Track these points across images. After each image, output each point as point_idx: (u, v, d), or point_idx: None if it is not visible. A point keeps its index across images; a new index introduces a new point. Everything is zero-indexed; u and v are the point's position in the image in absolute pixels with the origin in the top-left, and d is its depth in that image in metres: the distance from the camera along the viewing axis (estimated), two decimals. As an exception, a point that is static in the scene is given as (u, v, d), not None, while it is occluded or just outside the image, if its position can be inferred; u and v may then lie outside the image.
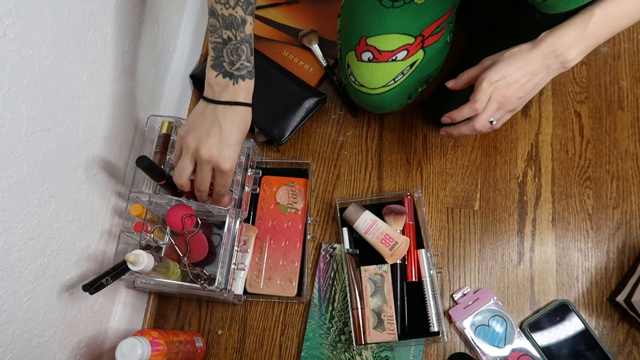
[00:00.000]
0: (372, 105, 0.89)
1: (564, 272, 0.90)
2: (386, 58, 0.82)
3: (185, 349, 0.78)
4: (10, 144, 0.54)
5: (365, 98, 0.87)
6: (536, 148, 0.97)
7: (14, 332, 0.59)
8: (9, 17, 0.51)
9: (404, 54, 0.82)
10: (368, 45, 0.82)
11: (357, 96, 0.89)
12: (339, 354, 0.86)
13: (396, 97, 0.87)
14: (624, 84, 1.00)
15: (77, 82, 0.65)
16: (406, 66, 0.83)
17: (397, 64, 0.82)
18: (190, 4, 1.01)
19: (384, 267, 0.87)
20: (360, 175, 0.97)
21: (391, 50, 0.81)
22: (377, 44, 0.81)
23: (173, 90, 0.95)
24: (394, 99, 0.87)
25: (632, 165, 0.94)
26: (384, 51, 0.81)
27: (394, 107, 0.90)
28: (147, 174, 0.73)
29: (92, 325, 0.77)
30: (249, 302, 0.91)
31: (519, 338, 0.84)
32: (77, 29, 0.64)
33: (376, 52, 0.82)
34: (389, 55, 0.82)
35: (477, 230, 0.93)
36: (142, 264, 0.67)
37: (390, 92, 0.85)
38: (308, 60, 1.03)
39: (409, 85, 0.87)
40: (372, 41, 0.82)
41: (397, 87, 0.85)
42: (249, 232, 0.91)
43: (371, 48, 0.82)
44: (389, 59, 0.82)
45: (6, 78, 0.52)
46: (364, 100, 0.88)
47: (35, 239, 0.60)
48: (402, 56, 0.82)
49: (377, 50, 0.82)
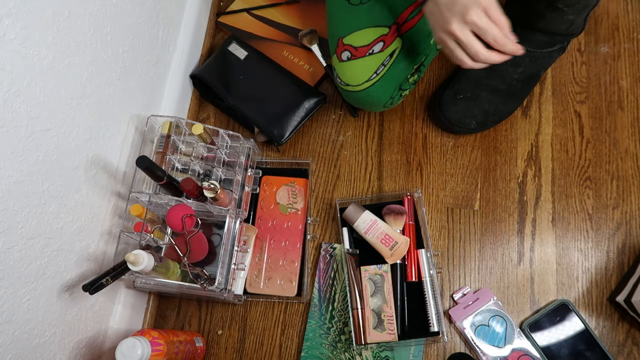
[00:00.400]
0: (363, 103, 0.89)
1: (564, 272, 0.90)
2: (363, 53, 0.83)
3: (185, 349, 0.78)
4: (10, 144, 0.54)
5: (354, 96, 0.88)
6: (536, 148, 0.97)
7: (14, 332, 0.59)
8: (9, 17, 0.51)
9: (381, 46, 0.83)
10: (345, 45, 0.84)
11: (347, 96, 0.90)
12: (339, 354, 0.86)
13: (383, 90, 0.86)
14: (624, 84, 1.00)
15: (77, 82, 0.65)
16: (385, 57, 0.84)
17: (375, 56, 0.84)
18: (190, 4, 1.01)
19: (384, 267, 0.87)
20: (360, 175, 0.97)
21: (366, 45, 0.83)
22: (352, 41, 0.84)
23: (173, 90, 0.95)
24: (381, 92, 0.86)
25: (632, 165, 0.94)
26: (360, 47, 0.83)
27: (386, 101, 0.89)
28: (147, 174, 0.73)
29: (92, 325, 0.77)
30: (249, 302, 0.91)
31: (519, 338, 0.84)
32: (77, 29, 0.64)
33: (352, 49, 0.84)
34: (365, 50, 0.83)
35: (477, 230, 0.93)
36: (142, 264, 0.67)
37: (375, 86, 0.85)
38: (308, 60, 1.03)
39: (393, 75, 0.86)
40: (347, 40, 0.84)
41: (381, 79, 0.85)
42: (249, 232, 0.91)
43: (348, 47, 0.84)
44: (365, 53, 0.83)
45: (6, 78, 0.52)
46: (353, 98, 0.89)
47: (35, 239, 0.61)
48: (379, 48, 0.83)
49: (353, 47, 0.84)
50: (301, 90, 0.96)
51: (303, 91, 0.96)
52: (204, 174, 0.87)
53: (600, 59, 1.01)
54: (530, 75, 0.92)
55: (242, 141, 0.88)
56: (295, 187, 0.94)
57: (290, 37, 1.05)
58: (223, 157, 0.86)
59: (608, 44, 1.02)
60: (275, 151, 0.99)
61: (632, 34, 1.02)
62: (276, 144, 0.95)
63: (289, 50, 1.04)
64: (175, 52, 0.97)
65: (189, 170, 0.85)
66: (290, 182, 0.95)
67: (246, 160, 0.88)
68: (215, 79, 0.96)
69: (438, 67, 1.03)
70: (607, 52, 1.02)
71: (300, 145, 0.99)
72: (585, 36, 1.03)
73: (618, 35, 1.02)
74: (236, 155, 0.86)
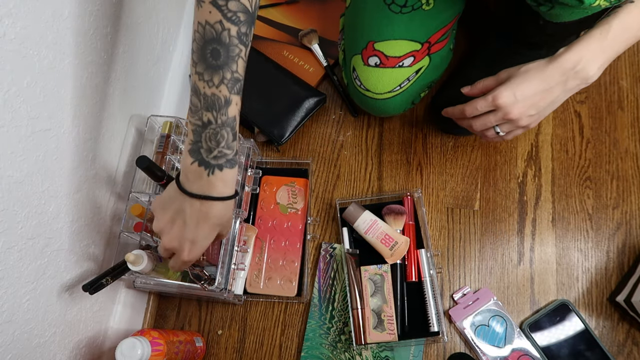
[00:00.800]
0: (375, 110, 0.89)
1: (564, 272, 0.90)
2: (393, 64, 0.82)
3: (185, 349, 0.78)
4: (10, 144, 0.54)
5: (369, 102, 0.87)
6: (536, 148, 0.97)
7: (14, 332, 0.59)
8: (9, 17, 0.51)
9: (411, 60, 0.82)
10: (375, 50, 0.82)
11: (362, 100, 0.88)
12: (339, 354, 0.86)
13: (401, 103, 0.87)
14: (624, 84, 1.00)
15: (77, 82, 0.65)
16: (412, 72, 0.84)
17: (403, 70, 0.83)
18: (190, 4, 1.01)
19: (384, 267, 0.87)
20: (360, 175, 0.97)
21: (398, 56, 0.81)
22: (385, 50, 0.81)
23: (173, 90, 0.95)
24: (398, 105, 0.87)
25: (632, 165, 0.94)
26: (392, 57, 0.81)
27: (396, 112, 0.90)
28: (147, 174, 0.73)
29: (92, 325, 0.76)
30: (249, 302, 0.91)
31: (519, 338, 0.84)
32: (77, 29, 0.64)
33: (383, 57, 0.82)
34: (396, 61, 0.81)
35: (477, 230, 0.93)
36: (142, 264, 0.67)
37: (396, 98, 0.85)
38: (308, 60, 1.03)
39: (413, 91, 0.87)
40: (379, 46, 0.81)
41: (402, 93, 0.85)
42: (249, 232, 0.91)
43: (378, 53, 0.82)
44: (396, 64, 0.82)
45: (6, 78, 0.52)
46: (368, 104, 0.88)
47: (35, 239, 0.60)
48: (409, 62, 0.82)
49: (384, 55, 0.81)
50: (301, 90, 0.96)
51: (303, 91, 0.96)
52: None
53: (600, 59, 1.01)
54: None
55: (242, 141, 0.88)
56: (295, 187, 0.94)
57: (290, 37, 1.05)
58: (223, 157, 0.86)
59: (608, 44, 1.02)
60: (275, 151, 0.99)
61: (632, 34, 1.02)
62: (276, 144, 0.95)
63: (289, 50, 1.04)
64: (175, 52, 0.97)
65: (189, 170, 0.85)
66: (290, 182, 0.95)
67: (246, 160, 0.88)
68: None
69: (438, 67, 1.03)
70: (607, 52, 1.01)
71: (300, 145, 0.99)
72: (585, 36, 1.03)
73: (618, 35, 1.02)
74: (236, 155, 0.86)
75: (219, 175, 0.57)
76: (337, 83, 1.01)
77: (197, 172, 0.57)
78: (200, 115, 0.55)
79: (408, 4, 0.79)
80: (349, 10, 0.88)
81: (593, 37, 0.65)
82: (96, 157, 0.72)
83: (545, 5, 0.69)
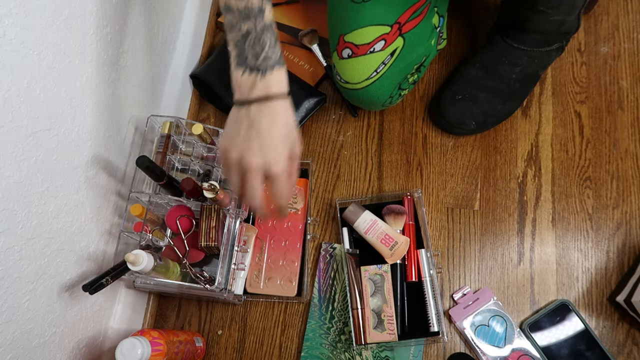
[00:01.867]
0: (362, 101, 0.89)
1: (564, 272, 0.90)
2: (364, 51, 0.83)
3: (185, 349, 0.78)
4: (10, 144, 0.54)
5: (352, 94, 0.88)
6: (536, 148, 0.97)
7: (14, 332, 0.59)
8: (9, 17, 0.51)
9: (382, 44, 0.83)
10: (346, 42, 0.84)
11: (346, 93, 0.90)
12: (339, 354, 0.86)
13: (382, 89, 0.87)
14: (624, 84, 0.99)
15: (77, 82, 0.65)
16: (386, 56, 0.84)
17: (376, 55, 0.83)
18: (190, 4, 1.01)
19: (384, 267, 0.87)
20: (360, 175, 0.97)
21: (368, 43, 0.83)
22: (354, 39, 0.83)
23: (173, 90, 0.95)
24: (380, 91, 0.87)
25: (632, 165, 0.94)
26: (361, 45, 0.83)
27: (385, 100, 0.89)
28: (147, 174, 0.73)
29: (92, 325, 0.77)
30: (249, 302, 0.91)
31: (519, 338, 0.84)
32: (77, 29, 0.64)
33: (354, 47, 0.84)
34: (367, 48, 0.83)
35: (477, 230, 0.93)
36: (142, 264, 0.67)
37: (375, 84, 0.86)
38: (308, 60, 1.03)
39: (393, 74, 0.86)
40: (349, 37, 0.84)
41: (380, 77, 0.85)
42: (249, 232, 0.91)
43: (349, 44, 0.84)
44: (366, 51, 0.83)
45: (6, 78, 0.52)
46: (352, 96, 0.89)
47: (35, 239, 0.60)
48: (380, 46, 0.83)
49: (354, 45, 0.83)
50: (301, 90, 0.96)
51: (303, 91, 0.96)
52: (204, 174, 0.87)
53: (601, 59, 1.01)
54: (529, 74, 0.92)
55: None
56: (295, 187, 0.94)
57: (290, 37, 1.05)
58: (223, 157, 0.86)
59: (608, 44, 1.02)
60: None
61: (632, 34, 1.02)
62: None
63: (288, 50, 1.04)
64: (175, 52, 0.97)
65: (189, 170, 0.85)
66: (290, 182, 0.95)
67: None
68: (215, 79, 0.96)
69: (438, 67, 1.03)
70: (607, 52, 1.02)
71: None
72: (585, 36, 1.03)
73: (618, 35, 1.02)
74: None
75: (272, 75, 0.58)
76: None
77: (249, 81, 0.58)
78: (239, 27, 0.58)
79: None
80: (328, 13, 0.89)
81: None
82: (96, 157, 0.72)
83: None
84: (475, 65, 0.93)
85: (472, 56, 0.96)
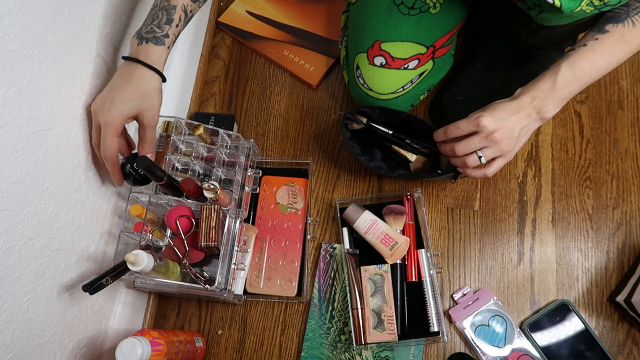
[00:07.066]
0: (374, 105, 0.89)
1: (564, 272, 0.90)
2: (399, 65, 0.82)
3: (185, 349, 0.78)
4: (10, 144, 0.54)
5: (371, 102, 0.87)
6: (536, 148, 0.97)
7: (14, 332, 0.59)
8: (9, 17, 0.51)
9: (416, 63, 0.83)
10: (382, 50, 0.82)
11: (363, 99, 0.88)
12: (339, 354, 0.86)
13: (401, 105, 0.87)
14: (624, 84, 0.99)
15: (77, 82, 0.65)
16: (415, 75, 0.84)
17: (407, 72, 0.83)
18: (190, 3, 1.00)
19: (384, 267, 0.87)
20: (360, 175, 0.97)
21: (405, 58, 0.82)
22: (392, 50, 0.81)
23: (173, 90, 0.95)
24: (399, 106, 0.87)
25: (632, 165, 0.94)
26: (397, 58, 0.82)
27: None
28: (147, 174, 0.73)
29: (92, 325, 0.77)
30: (249, 302, 0.91)
31: (519, 338, 0.84)
32: (77, 29, 0.64)
33: (389, 58, 0.82)
34: (402, 63, 0.82)
35: (477, 230, 0.93)
36: (141, 264, 0.66)
37: (397, 100, 0.86)
38: (309, 59, 1.03)
39: (414, 94, 0.88)
40: (386, 46, 0.82)
41: (404, 95, 0.85)
42: (249, 232, 0.91)
43: (385, 53, 0.82)
44: (401, 66, 0.82)
45: (6, 78, 0.52)
46: (368, 101, 0.88)
47: (35, 239, 0.60)
48: (414, 65, 0.83)
49: (390, 56, 0.82)
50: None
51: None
52: (204, 174, 0.87)
53: (600, 59, 1.01)
54: (529, 75, 0.92)
55: (242, 140, 0.88)
56: (295, 187, 0.94)
57: (291, 36, 1.05)
58: (223, 157, 0.86)
59: (608, 44, 1.02)
60: (275, 151, 0.99)
61: (632, 34, 1.02)
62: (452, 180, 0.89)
63: (289, 50, 1.04)
64: (175, 52, 0.97)
65: (189, 170, 0.85)
66: (290, 182, 0.95)
67: (246, 160, 0.88)
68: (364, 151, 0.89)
69: (438, 67, 1.03)
70: (607, 52, 1.01)
71: (300, 145, 0.99)
72: (586, 36, 1.03)
73: (618, 35, 1.02)
74: (236, 156, 0.86)
75: (145, 46, 0.68)
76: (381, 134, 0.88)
77: (132, 43, 0.69)
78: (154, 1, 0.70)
79: (416, 5, 0.79)
80: (355, 7, 0.87)
81: (544, 78, 0.69)
82: (96, 157, 0.72)
83: (534, 10, 0.69)
84: (476, 66, 0.94)
85: (473, 57, 0.96)
